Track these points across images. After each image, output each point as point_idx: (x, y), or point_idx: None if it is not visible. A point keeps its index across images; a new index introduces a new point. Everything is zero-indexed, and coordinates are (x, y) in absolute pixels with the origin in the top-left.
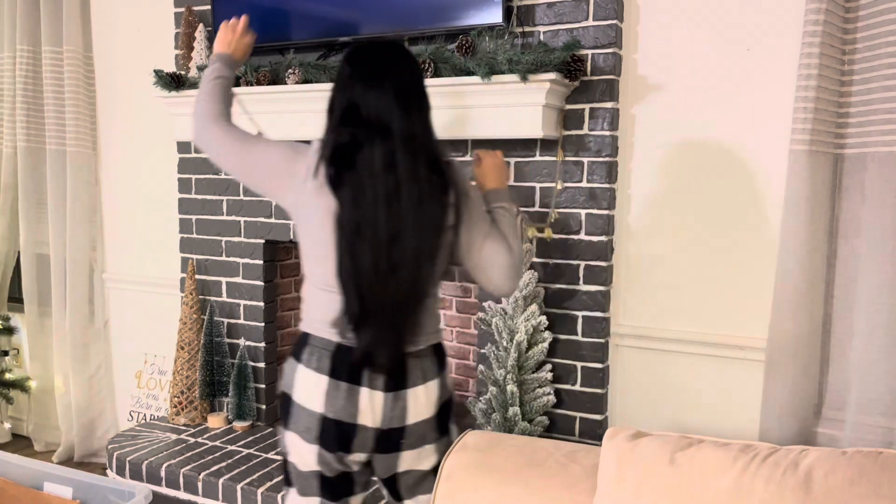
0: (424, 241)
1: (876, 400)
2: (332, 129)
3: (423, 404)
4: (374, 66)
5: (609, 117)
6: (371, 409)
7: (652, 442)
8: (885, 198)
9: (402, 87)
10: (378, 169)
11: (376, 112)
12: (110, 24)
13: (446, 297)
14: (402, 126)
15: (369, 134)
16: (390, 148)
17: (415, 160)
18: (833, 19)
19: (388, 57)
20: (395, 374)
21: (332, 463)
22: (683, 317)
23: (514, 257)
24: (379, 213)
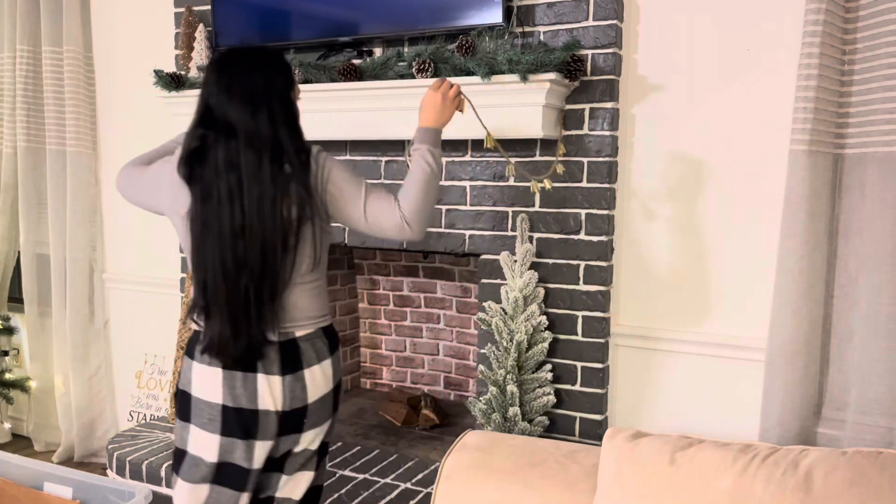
0: (271, 235)
1: (876, 400)
2: (190, 132)
3: (320, 383)
4: (229, 71)
5: (609, 117)
6: (270, 394)
7: (652, 442)
8: (885, 198)
9: (253, 89)
10: (222, 167)
11: (223, 113)
12: (110, 24)
13: (446, 297)
14: (246, 126)
15: (217, 135)
16: (234, 147)
17: (259, 159)
18: (833, 19)
19: (244, 62)
20: (292, 358)
21: (234, 451)
22: (683, 317)
23: (409, 205)
24: (223, 210)
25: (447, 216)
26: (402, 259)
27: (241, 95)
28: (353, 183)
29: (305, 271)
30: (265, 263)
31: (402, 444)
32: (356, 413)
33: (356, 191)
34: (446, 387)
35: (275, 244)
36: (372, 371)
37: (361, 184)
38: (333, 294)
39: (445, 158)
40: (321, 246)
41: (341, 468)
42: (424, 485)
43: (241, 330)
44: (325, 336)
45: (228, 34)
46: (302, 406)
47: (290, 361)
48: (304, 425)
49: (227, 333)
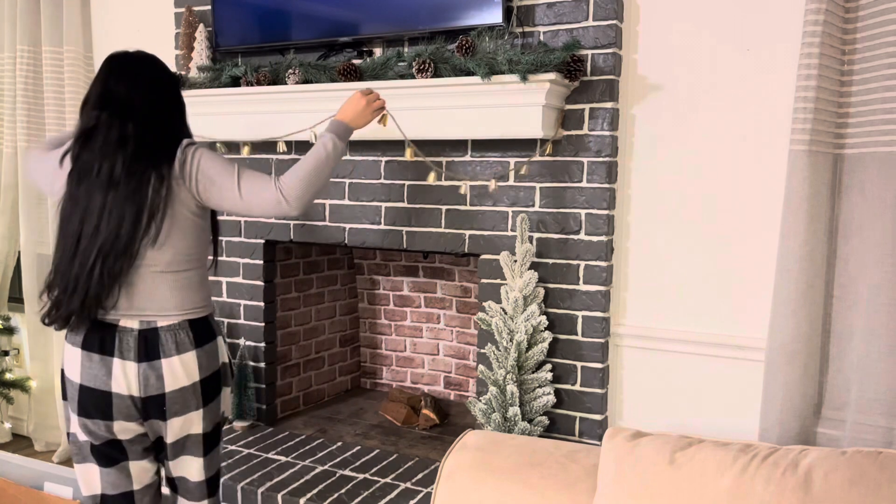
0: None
1: (876, 400)
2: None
3: (180, 373)
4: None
5: (609, 117)
6: (124, 378)
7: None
8: (885, 198)
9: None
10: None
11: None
12: (110, 24)
13: (446, 297)
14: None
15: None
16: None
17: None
18: (833, 19)
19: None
20: (149, 346)
21: (97, 431)
22: (683, 317)
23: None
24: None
25: (446, 216)
26: (402, 259)
27: (151, 82)
28: (224, 168)
29: (168, 262)
30: (115, 240)
31: (402, 444)
32: (356, 413)
33: (228, 174)
34: (446, 387)
35: (123, 223)
36: (372, 371)
37: (234, 167)
38: (333, 294)
39: (447, 159)
40: (178, 236)
41: (341, 468)
42: (424, 485)
43: (76, 296)
44: (192, 328)
45: (228, 34)
46: (159, 394)
47: (148, 350)
48: (166, 413)
49: (63, 298)
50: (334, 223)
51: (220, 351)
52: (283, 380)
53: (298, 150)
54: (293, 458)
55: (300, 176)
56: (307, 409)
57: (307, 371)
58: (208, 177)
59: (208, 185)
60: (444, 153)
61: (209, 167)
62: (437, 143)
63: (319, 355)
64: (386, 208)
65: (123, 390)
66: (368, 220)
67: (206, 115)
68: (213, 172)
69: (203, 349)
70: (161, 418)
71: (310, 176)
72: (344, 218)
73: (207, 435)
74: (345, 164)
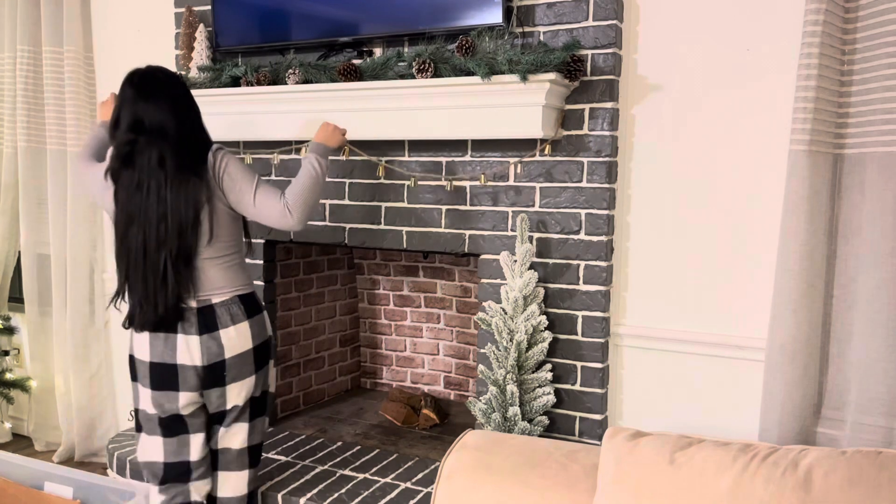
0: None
1: (875, 400)
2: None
3: (236, 341)
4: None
5: (609, 117)
6: (188, 350)
7: (652, 442)
8: (885, 198)
9: (176, 101)
10: (154, 165)
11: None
12: (110, 24)
13: (446, 297)
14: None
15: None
16: (164, 149)
17: (181, 158)
18: (833, 19)
19: (162, 78)
20: (208, 320)
21: (165, 404)
22: (683, 317)
23: (293, 197)
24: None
25: (447, 216)
26: (403, 259)
27: (174, 101)
28: (246, 175)
29: (215, 250)
30: (181, 241)
31: (402, 444)
32: (356, 413)
33: (248, 182)
34: (446, 387)
35: (187, 225)
36: (372, 371)
37: (255, 177)
38: (333, 294)
39: (446, 159)
40: (221, 227)
41: (341, 468)
42: (424, 485)
43: (158, 300)
44: (242, 302)
45: (228, 34)
46: (220, 361)
47: (207, 323)
48: (226, 378)
49: (144, 305)
50: (334, 223)
51: (267, 323)
52: (283, 380)
53: (299, 149)
54: (293, 458)
55: (298, 192)
56: (307, 409)
57: (307, 371)
58: (233, 179)
59: (231, 185)
60: (444, 153)
61: (234, 171)
62: (438, 143)
63: (319, 355)
64: (386, 208)
65: (187, 361)
66: (369, 220)
67: (206, 115)
68: (238, 176)
69: (254, 319)
70: (221, 384)
71: (306, 192)
72: (344, 218)
73: (256, 399)
74: (345, 164)
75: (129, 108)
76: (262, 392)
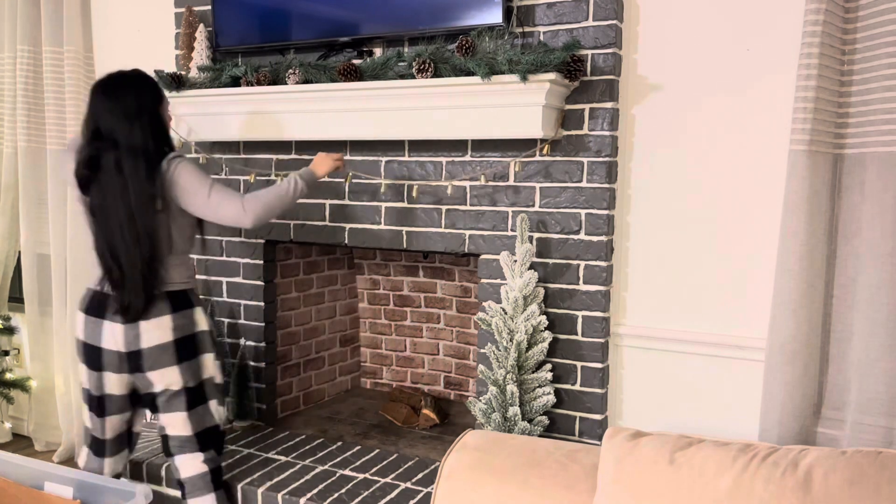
0: (150, 221)
1: (875, 400)
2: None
3: (153, 333)
4: (110, 94)
5: (609, 117)
6: (113, 336)
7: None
8: (885, 198)
9: (127, 109)
10: (113, 172)
11: (109, 130)
12: (110, 25)
13: (446, 297)
14: (126, 139)
15: (106, 146)
16: (119, 156)
17: (136, 164)
18: (833, 19)
19: (120, 85)
20: (133, 311)
21: (96, 382)
22: (683, 317)
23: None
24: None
25: (447, 216)
26: (403, 259)
27: (127, 111)
28: (198, 178)
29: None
30: (151, 241)
31: (402, 444)
32: (356, 413)
33: (202, 183)
34: (446, 387)
35: (154, 227)
36: (372, 371)
37: (208, 180)
38: (333, 294)
39: (446, 158)
40: (175, 231)
41: (341, 468)
42: (424, 485)
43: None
44: (169, 298)
45: (228, 34)
46: (136, 350)
47: (134, 314)
48: (143, 366)
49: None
50: (334, 223)
51: (197, 320)
52: (283, 380)
53: (299, 149)
54: (293, 458)
55: (263, 198)
56: (307, 409)
57: (307, 371)
58: (185, 181)
59: (184, 187)
60: (444, 153)
61: (187, 175)
62: (438, 143)
63: (319, 355)
64: (386, 208)
65: (112, 346)
66: (368, 221)
67: (206, 115)
68: (191, 178)
69: (179, 314)
70: (141, 371)
71: (271, 202)
72: (344, 218)
73: (190, 390)
74: (346, 163)
75: (90, 114)
76: (199, 383)
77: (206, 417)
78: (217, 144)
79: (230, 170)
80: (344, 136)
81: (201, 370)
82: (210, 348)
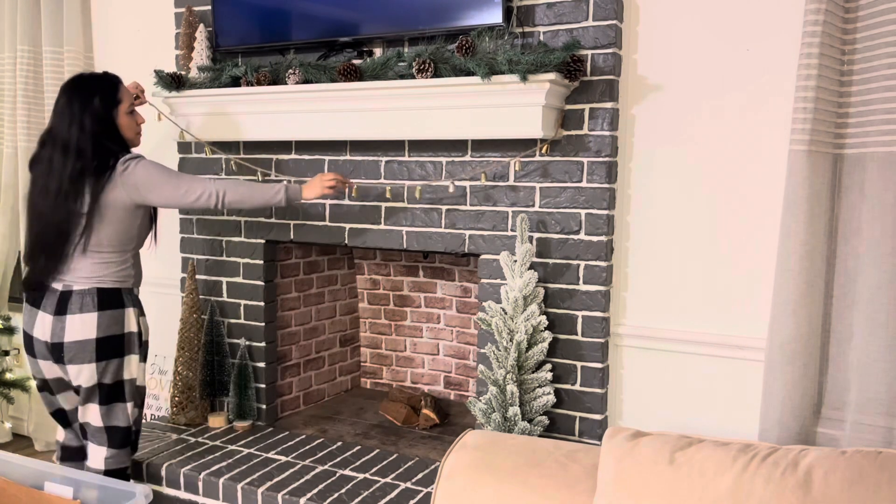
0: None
1: (875, 400)
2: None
3: (78, 328)
4: (63, 94)
5: (609, 117)
6: (42, 326)
7: (652, 442)
8: (885, 198)
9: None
10: (45, 165)
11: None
12: (110, 24)
13: (446, 297)
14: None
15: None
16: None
17: (64, 162)
18: (833, 19)
19: (71, 88)
20: (62, 304)
21: (35, 367)
22: (683, 316)
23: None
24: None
25: (447, 216)
26: (403, 259)
27: (61, 113)
28: (162, 172)
29: (93, 245)
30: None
31: (402, 444)
32: (356, 413)
33: (167, 176)
34: (446, 387)
35: (64, 226)
36: (372, 371)
37: (174, 172)
38: (333, 294)
39: (446, 158)
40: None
41: (341, 468)
42: (424, 485)
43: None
44: (98, 295)
45: (229, 34)
46: (60, 342)
47: (61, 306)
48: (64, 358)
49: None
50: (334, 223)
51: (126, 320)
52: (283, 380)
53: (299, 149)
54: (293, 458)
55: (241, 192)
56: (307, 409)
57: (307, 371)
58: (139, 183)
59: (140, 189)
60: (444, 153)
61: (140, 175)
62: (438, 143)
63: (319, 355)
64: (386, 208)
65: (40, 335)
66: (369, 221)
67: (206, 115)
68: (145, 178)
69: (105, 312)
70: (63, 362)
71: (246, 196)
72: (344, 218)
73: (105, 386)
74: (344, 164)
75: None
76: (118, 381)
77: (119, 416)
78: (217, 144)
79: (230, 169)
80: (344, 136)
81: (122, 370)
82: (135, 350)
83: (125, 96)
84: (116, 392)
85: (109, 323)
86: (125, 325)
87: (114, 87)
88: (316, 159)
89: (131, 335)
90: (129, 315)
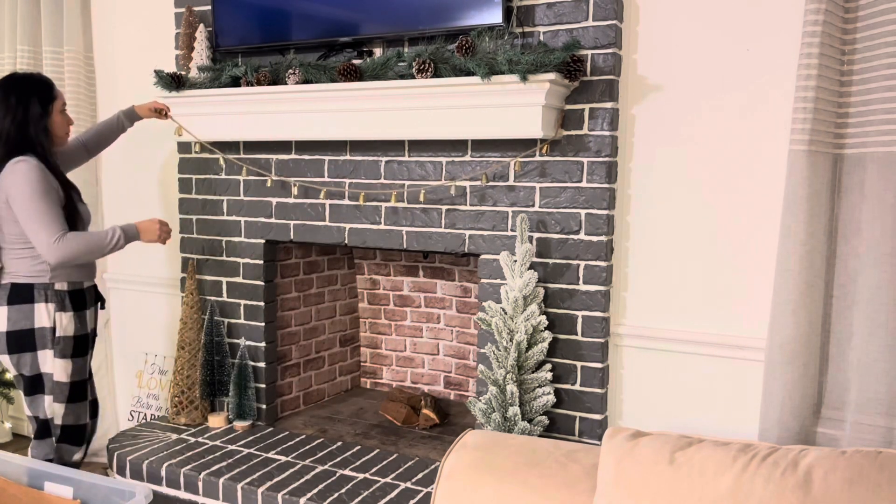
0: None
1: (875, 400)
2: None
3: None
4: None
5: (609, 117)
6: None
7: (652, 442)
8: (885, 198)
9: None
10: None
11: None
12: (111, 25)
13: (446, 297)
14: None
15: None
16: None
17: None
18: (833, 19)
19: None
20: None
21: None
22: (683, 316)
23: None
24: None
25: (447, 216)
26: (403, 259)
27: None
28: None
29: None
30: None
31: (402, 444)
32: (356, 413)
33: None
34: (446, 387)
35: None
36: (372, 371)
37: (39, 199)
38: (333, 294)
39: (446, 158)
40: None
41: (341, 468)
42: (424, 485)
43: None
44: (11, 290)
45: (228, 34)
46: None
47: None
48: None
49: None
50: (334, 223)
51: (37, 316)
52: (283, 380)
53: (299, 149)
54: (293, 458)
55: (76, 246)
56: (307, 409)
57: (307, 371)
58: (11, 193)
59: (10, 199)
60: (444, 153)
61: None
62: (438, 143)
63: (319, 355)
64: (386, 208)
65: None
66: (369, 220)
67: (206, 115)
68: (10, 188)
69: (15, 307)
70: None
71: (83, 250)
72: (344, 218)
73: (26, 377)
74: (344, 164)
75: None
76: (36, 375)
77: (40, 408)
78: (217, 144)
79: (229, 169)
80: (344, 136)
81: (38, 364)
82: (49, 346)
83: (59, 95)
84: (36, 384)
85: (17, 317)
86: (35, 321)
87: (48, 86)
88: (316, 159)
89: (43, 330)
90: (39, 310)
